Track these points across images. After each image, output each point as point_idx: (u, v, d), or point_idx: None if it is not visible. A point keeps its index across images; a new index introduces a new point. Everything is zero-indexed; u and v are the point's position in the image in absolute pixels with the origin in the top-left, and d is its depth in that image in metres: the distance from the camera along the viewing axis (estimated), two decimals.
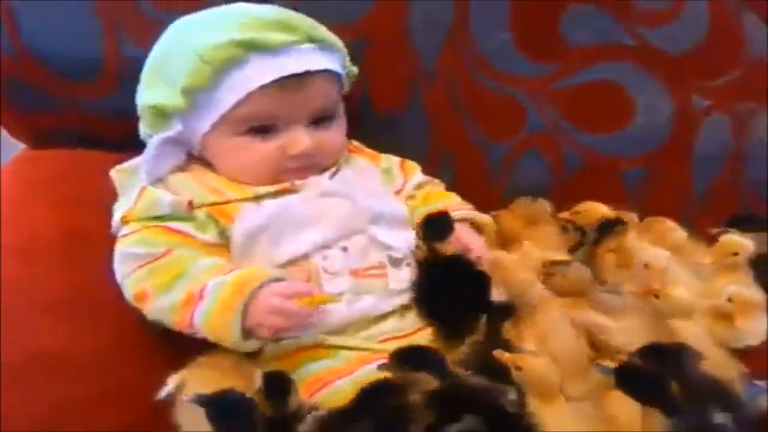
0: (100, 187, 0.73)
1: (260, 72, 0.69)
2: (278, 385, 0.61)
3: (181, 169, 0.73)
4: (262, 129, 0.71)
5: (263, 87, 0.69)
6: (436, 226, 0.74)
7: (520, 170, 0.92)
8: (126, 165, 0.75)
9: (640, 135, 0.93)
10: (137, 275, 0.66)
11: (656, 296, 0.72)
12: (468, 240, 0.76)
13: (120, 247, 0.68)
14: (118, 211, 0.71)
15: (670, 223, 0.86)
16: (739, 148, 0.94)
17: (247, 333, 0.63)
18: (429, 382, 0.60)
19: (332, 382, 0.64)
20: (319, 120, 0.73)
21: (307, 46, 0.71)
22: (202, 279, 0.64)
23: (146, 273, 0.65)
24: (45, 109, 0.83)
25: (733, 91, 0.94)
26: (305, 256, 0.69)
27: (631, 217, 0.85)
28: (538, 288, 0.73)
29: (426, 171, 0.86)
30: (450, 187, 0.86)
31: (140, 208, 0.69)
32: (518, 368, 0.64)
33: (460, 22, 0.88)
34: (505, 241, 0.82)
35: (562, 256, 0.79)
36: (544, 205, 0.85)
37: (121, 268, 0.67)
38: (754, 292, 0.78)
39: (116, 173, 0.74)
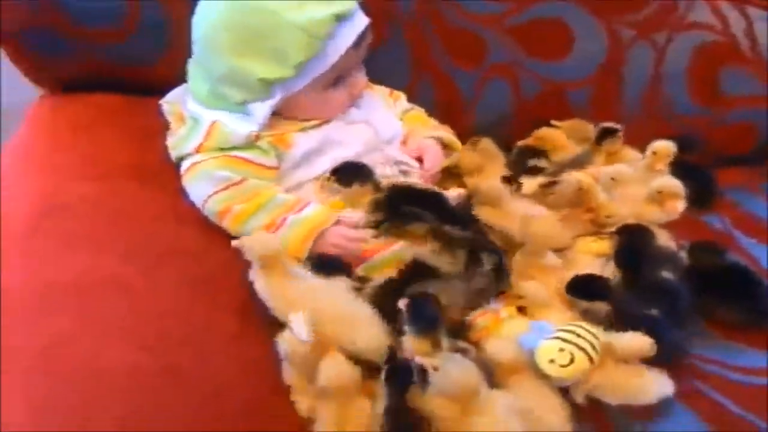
0: (141, 124, 0.83)
1: (346, 36, 0.81)
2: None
3: None
4: (337, 80, 0.84)
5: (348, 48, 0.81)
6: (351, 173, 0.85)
7: (487, 96, 1.07)
8: (171, 96, 0.87)
9: (580, 62, 1.10)
10: (222, 196, 0.78)
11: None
12: (424, 150, 0.91)
13: (202, 169, 0.79)
14: (186, 140, 0.81)
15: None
16: (659, 71, 1.13)
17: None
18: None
19: (371, 257, 0.79)
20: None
21: (356, 6, 0.84)
22: (280, 211, 0.78)
23: (229, 195, 0.78)
24: (65, 55, 0.89)
25: (651, 23, 1.12)
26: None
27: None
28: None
29: (408, 98, 1.00)
30: (429, 114, 1.01)
31: (214, 141, 0.81)
32: None
33: None
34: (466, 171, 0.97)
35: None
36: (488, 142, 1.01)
37: (202, 186, 0.79)
38: (677, 183, 0.98)
39: (168, 105, 0.86)
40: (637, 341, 0.72)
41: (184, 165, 0.81)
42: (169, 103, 0.87)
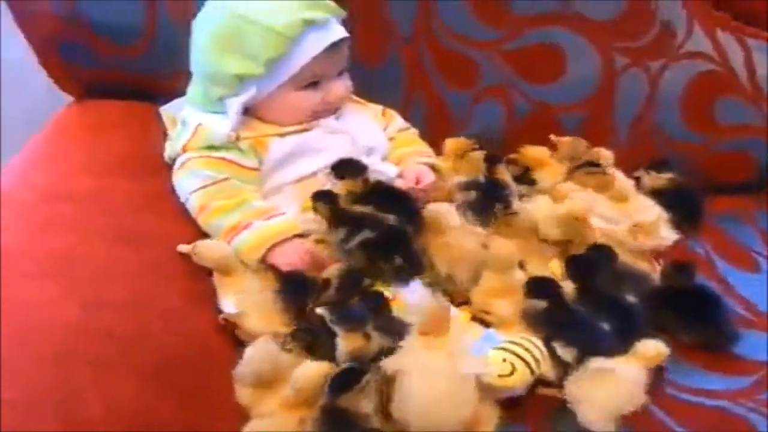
0: (152, 128, 0.95)
1: (317, 42, 0.89)
2: None
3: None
4: (312, 84, 0.92)
5: (318, 53, 0.89)
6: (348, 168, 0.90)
7: (479, 117, 1.13)
8: (169, 106, 0.97)
9: (573, 86, 1.15)
10: (203, 192, 0.87)
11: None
12: (421, 175, 0.97)
13: (189, 167, 0.89)
14: (176, 140, 0.91)
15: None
16: (652, 97, 1.17)
17: (263, 261, 0.83)
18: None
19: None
20: (340, 73, 0.95)
21: (334, 19, 0.92)
22: (250, 215, 0.85)
23: (211, 193, 0.87)
24: (92, 66, 1.01)
25: (646, 51, 1.16)
26: (314, 174, 0.92)
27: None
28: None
29: (402, 116, 1.07)
30: (422, 132, 1.07)
31: (198, 140, 0.90)
32: None
33: None
34: None
35: None
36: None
37: (187, 183, 0.88)
38: (655, 218, 0.99)
39: (164, 112, 0.96)
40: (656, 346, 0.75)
41: (176, 164, 0.91)
42: (165, 110, 0.98)
